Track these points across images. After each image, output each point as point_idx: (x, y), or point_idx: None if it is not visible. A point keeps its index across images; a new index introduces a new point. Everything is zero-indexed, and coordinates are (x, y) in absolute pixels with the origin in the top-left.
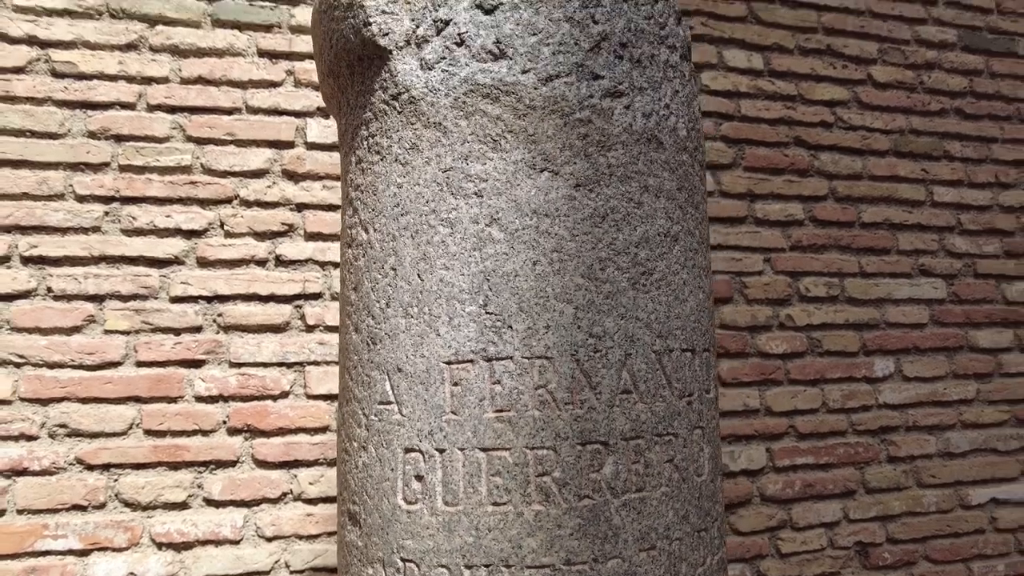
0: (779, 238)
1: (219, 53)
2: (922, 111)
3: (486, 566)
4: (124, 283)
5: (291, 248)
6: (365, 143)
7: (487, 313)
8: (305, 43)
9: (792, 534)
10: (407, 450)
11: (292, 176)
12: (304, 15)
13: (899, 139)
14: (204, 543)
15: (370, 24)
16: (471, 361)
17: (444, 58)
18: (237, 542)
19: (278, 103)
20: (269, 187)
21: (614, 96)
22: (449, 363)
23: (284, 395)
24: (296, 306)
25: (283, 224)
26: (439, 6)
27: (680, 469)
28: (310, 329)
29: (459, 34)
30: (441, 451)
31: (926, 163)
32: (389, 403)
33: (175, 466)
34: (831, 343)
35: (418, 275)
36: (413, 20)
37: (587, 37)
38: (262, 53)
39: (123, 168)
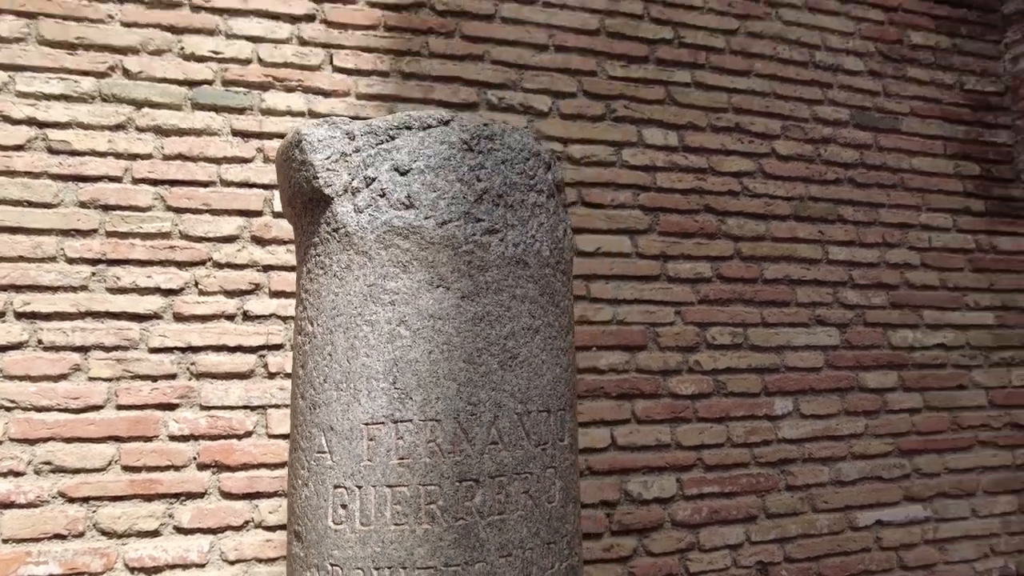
0: (689, 293)
1: (197, 133)
2: (819, 180)
3: (388, 568)
4: (108, 335)
5: (257, 304)
6: (313, 259)
7: (395, 388)
8: (273, 124)
9: (700, 555)
10: (336, 486)
11: (260, 241)
12: (273, 99)
13: (798, 205)
14: (173, 567)
15: (318, 178)
16: (382, 423)
17: (371, 205)
18: (203, 565)
19: (249, 177)
20: (239, 251)
21: (491, 233)
22: (367, 424)
23: (248, 434)
24: (260, 356)
25: (251, 283)
26: (368, 166)
27: (533, 498)
28: (272, 376)
29: (382, 189)
30: (359, 487)
31: (822, 226)
32: (324, 452)
33: (149, 498)
34: (735, 385)
35: (347, 360)
36: (349, 175)
37: (473, 192)
38: (236, 133)
39: (110, 234)
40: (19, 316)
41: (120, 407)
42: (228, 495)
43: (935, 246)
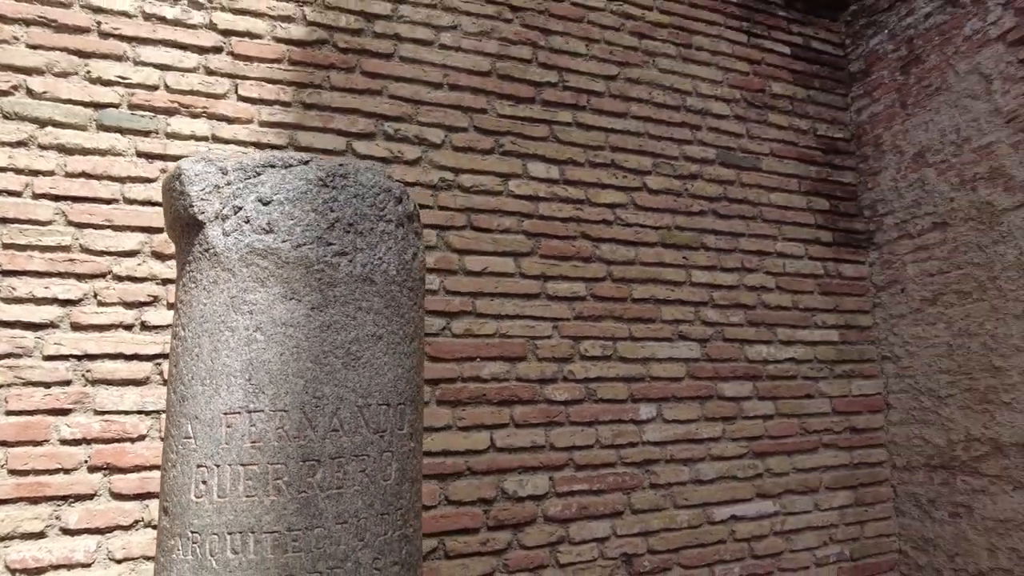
0: (565, 310)
1: (102, 153)
2: (686, 212)
3: (240, 532)
4: (0, 344)
5: (155, 315)
6: (188, 275)
7: (250, 384)
8: (178, 147)
9: (570, 547)
10: (198, 466)
11: (160, 256)
12: (178, 124)
13: (666, 233)
14: (57, 567)
15: (193, 206)
16: (239, 412)
17: (237, 230)
18: (89, 565)
19: (151, 196)
20: (139, 265)
21: (341, 255)
22: (226, 413)
23: (142, 438)
24: (156, 364)
25: (149, 295)
26: (236, 197)
27: (369, 475)
28: (167, 383)
29: (247, 216)
30: (218, 466)
31: (687, 252)
32: (189, 438)
33: (35, 501)
34: (604, 392)
35: (211, 360)
36: (220, 204)
37: (326, 221)
38: (140, 154)
39: (7, 246)
40: None
41: (9, 412)
42: (119, 496)
43: (788, 271)
